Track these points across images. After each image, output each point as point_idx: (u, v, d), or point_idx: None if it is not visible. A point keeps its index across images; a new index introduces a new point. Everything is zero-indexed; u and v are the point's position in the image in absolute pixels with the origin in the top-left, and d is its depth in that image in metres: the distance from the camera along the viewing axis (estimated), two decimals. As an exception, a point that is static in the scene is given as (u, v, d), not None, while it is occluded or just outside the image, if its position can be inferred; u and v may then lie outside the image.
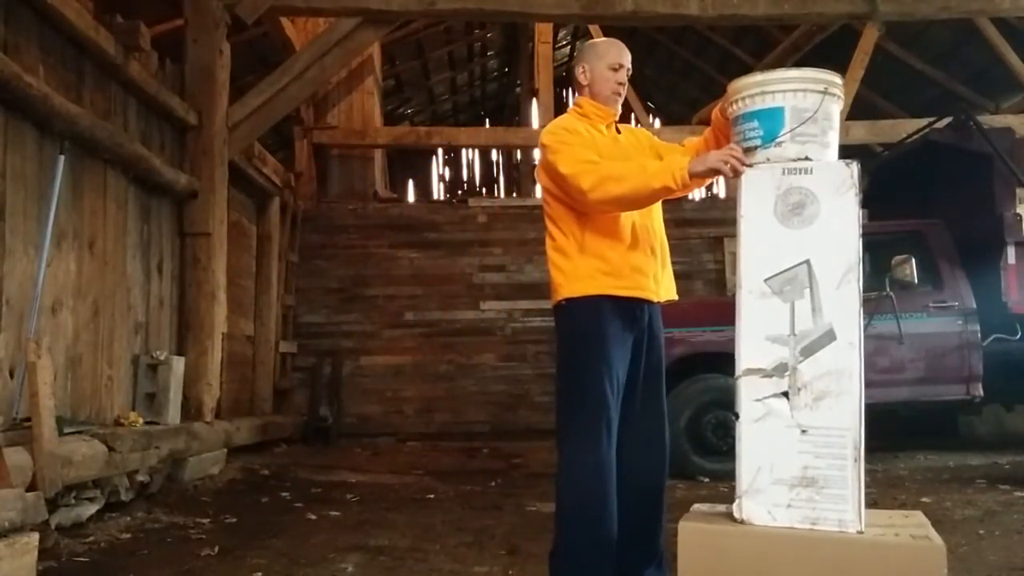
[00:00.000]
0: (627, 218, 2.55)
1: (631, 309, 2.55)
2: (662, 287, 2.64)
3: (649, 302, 2.60)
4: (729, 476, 2.42)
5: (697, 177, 2.42)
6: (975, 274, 5.93)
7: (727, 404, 2.87)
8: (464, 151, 16.32)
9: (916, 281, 5.43)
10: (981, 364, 5.82)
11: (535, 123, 11.18)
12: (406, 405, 8.36)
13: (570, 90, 17.60)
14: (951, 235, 6.04)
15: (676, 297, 2.71)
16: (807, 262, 2.25)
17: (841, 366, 2.20)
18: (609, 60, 2.66)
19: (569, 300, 2.54)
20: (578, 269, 2.54)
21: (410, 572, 3.17)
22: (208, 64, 5.80)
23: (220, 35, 5.90)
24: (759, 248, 2.31)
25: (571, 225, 2.56)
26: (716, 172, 2.39)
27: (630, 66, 2.71)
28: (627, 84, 2.71)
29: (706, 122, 9.56)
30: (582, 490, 2.45)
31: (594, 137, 2.63)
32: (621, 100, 2.72)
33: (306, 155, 9.01)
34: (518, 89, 14.08)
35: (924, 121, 7.11)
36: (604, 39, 2.80)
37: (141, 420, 4.77)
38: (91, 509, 3.87)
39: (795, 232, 2.27)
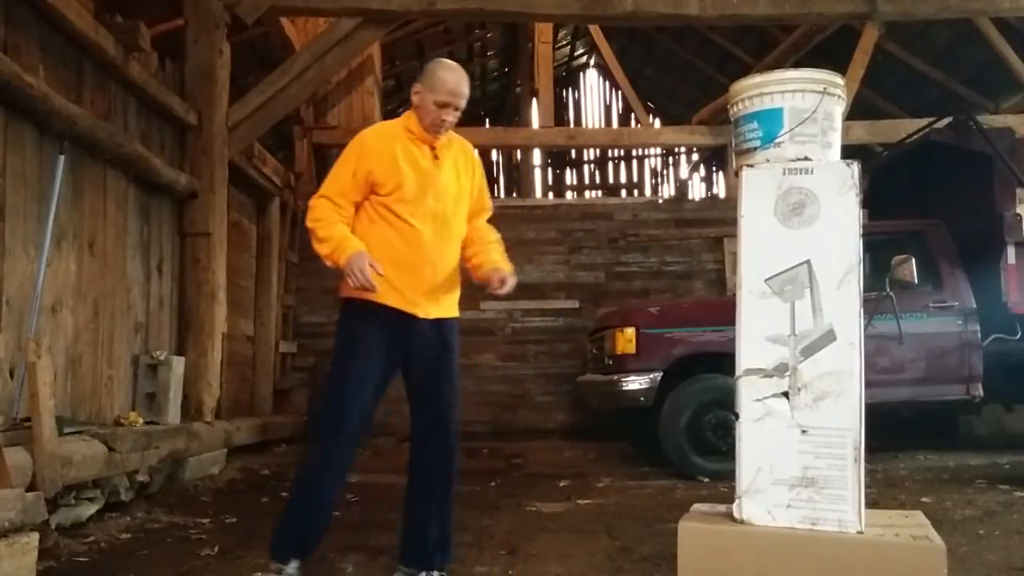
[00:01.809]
0: (403, 241, 2.77)
1: (396, 319, 2.77)
2: (436, 307, 2.85)
3: (415, 316, 2.79)
4: (729, 476, 2.42)
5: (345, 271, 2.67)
6: (975, 274, 5.93)
7: (727, 404, 2.87)
8: (464, 151, 16.28)
9: (916, 281, 5.43)
10: (981, 364, 5.82)
11: (535, 123, 11.18)
12: (405, 405, 8.35)
13: (570, 89, 17.63)
14: (951, 235, 6.05)
15: (442, 316, 2.88)
16: (807, 262, 2.25)
17: (841, 366, 2.21)
18: (437, 96, 2.73)
19: (348, 299, 2.85)
20: None
21: (410, 572, 3.17)
22: (208, 64, 5.80)
23: (220, 35, 5.90)
24: (759, 248, 2.31)
25: (363, 229, 2.81)
26: (349, 274, 2.65)
27: (462, 102, 2.76)
28: (455, 117, 2.78)
29: (706, 122, 9.50)
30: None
31: (398, 156, 2.74)
32: (444, 131, 2.81)
33: (306, 155, 9.00)
34: (518, 89, 14.07)
35: (924, 121, 7.11)
36: (446, 68, 2.79)
37: (141, 420, 4.77)
38: (91, 509, 3.87)
39: (795, 232, 2.28)
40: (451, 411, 2.90)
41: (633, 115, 14.19)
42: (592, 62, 17.44)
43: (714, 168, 16.42)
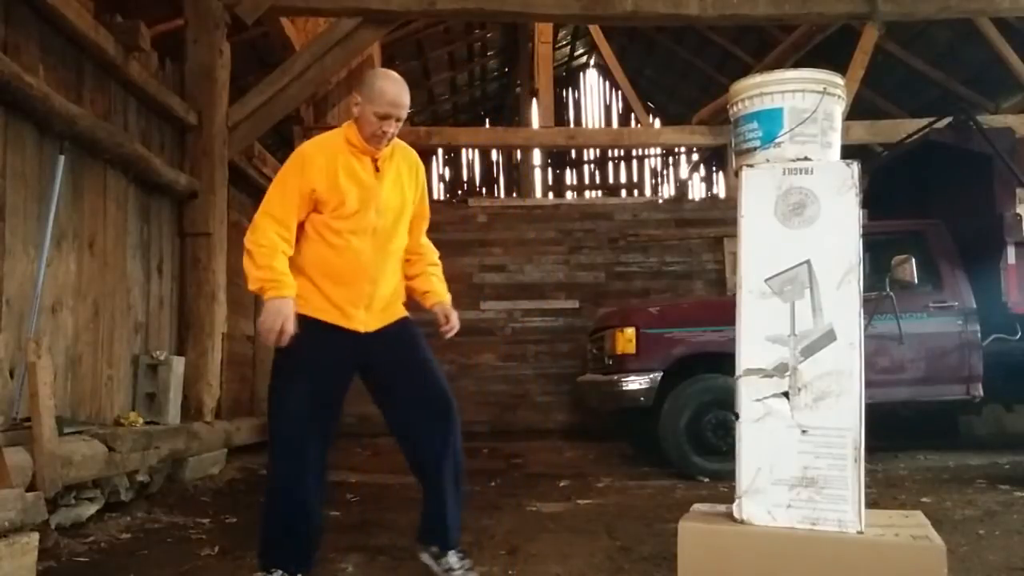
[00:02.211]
0: (340, 258, 2.71)
1: (334, 334, 2.73)
2: (373, 318, 2.78)
3: (354, 331, 2.74)
4: (729, 476, 2.42)
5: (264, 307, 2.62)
6: (975, 274, 5.93)
7: (727, 404, 2.87)
8: (464, 151, 16.32)
9: (916, 281, 5.42)
10: (981, 364, 5.82)
11: (535, 123, 11.18)
12: (406, 405, 8.34)
13: (570, 89, 17.63)
14: (951, 235, 6.05)
15: (381, 326, 2.81)
16: (807, 262, 2.25)
17: (841, 366, 2.21)
18: (376, 107, 2.64)
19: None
20: (299, 287, 2.72)
21: (410, 572, 3.17)
22: (208, 64, 5.80)
23: (220, 35, 5.90)
24: (759, 248, 2.31)
25: (301, 244, 2.75)
26: (263, 324, 2.64)
27: (403, 112, 2.68)
28: (396, 128, 2.69)
29: (706, 122, 9.50)
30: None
31: (338, 171, 2.68)
32: (386, 143, 2.72)
33: (306, 155, 8.99)
34: (518, 89, 14.07)
35: (924, 121, 7.11)
36: (386, 79, 2.71)
37: (141, 420, 4.77)
38: (91, 509, 3.87)
39: (795, 232, 2.28)
40: (441, 390, 2.86)
41: (633, 115, 14.20)
42: (592, 62, 17.44)
43: (714, 168, 16.42)
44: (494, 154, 16.53)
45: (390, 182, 2.78)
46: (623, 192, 17.04)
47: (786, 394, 2.24)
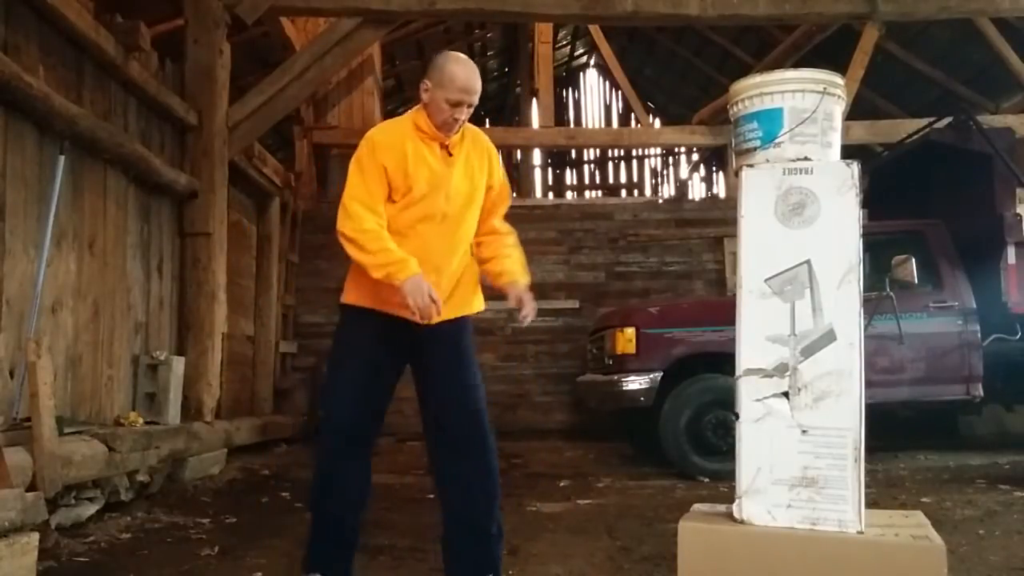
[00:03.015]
0: (406, 247, 2.57)
1: (396, 326, 2.62)
2: (444, 308, 2.61)
3: (419, 322, 2.58)
4: (729, 476, 2.42)
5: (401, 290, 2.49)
6: (975, 274, 5.93)
7: (727, 404, 2.87)
8: (464, 151, 16.29)
9: (916, 281, 5.43)
10: (981, 364, 5.82)
11: (535, 123, 11.18)
12: (406, 405, 8.30)
13: (570, 89, 17.63)
14: (951, 235, 6.05)
15: (457, 315, 2.73)
16: (807, 262, 2.25)
17: (841, 366, 2.20)
18: (448, 94, 2.53)
19: (345, 305, 2.74)
20: (359, 279, 2.68)
21: (410, 572, 3.17)
22: (208, 64, 5.80)
23: (220, 35, 5.90)
24: (759, 248, 2.31)
25: None
26: (406, 302, 2.47)
27: (474, 98, 2.58)
28: (467, 115, 2.60)
29: (706, 122, 9.48)
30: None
31: (408, 156, 2.58)
32: (456, 129, 2.61)
33: (306, 155, 9.01)
34: (518, 89, 14.07)
35: (924, 121, 7.11)
36: (457, 63, 2.59)
37: (141, 420, 4.77)
38: (91, 509, 3.87)
39: (795, 232, 2.27)
40: (483, 420, 2.70)
41: (633, 115, 14.19)
42: (592, 62, 17.45)
43: (714, 168, 16.42)
44: (494, 154, 16.51)
45: (460, 168, 2.67)
46: (623, 192, 17.04)
47: (786, 394, 2.24)
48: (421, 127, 2.62)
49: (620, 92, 15.81)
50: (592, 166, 17.41)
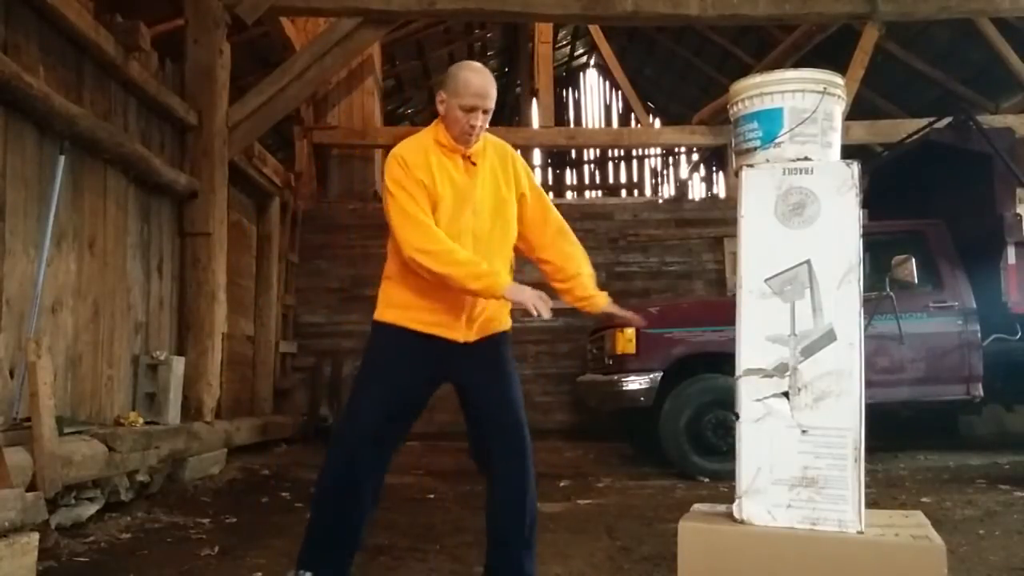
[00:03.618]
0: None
1: (429, 345, 2.60)
2: (475, 328, 2.64)
3: (453, 341, 2.60)
4: (729, 476, 2.42)
5: (505, 300, 2.52)
6: (975, 274, 5.93)
7: (727, 404, 2.87)
8: (464, 151, 16.28)
9: (916, 281, 5.43)
10: (981, 364, 5.82)
11: (535, 123, 11.18)
12: (406, 405, 8.36)
13: (570, 89, 17.64)
14: (951, 235, 6.05)
15: (482, 336, 2.67)
16: (807, 262, 2.25)
17: (841, 366, 2.20)
18: (462, 101, 2.51)
19: (377, 322, 2.68)
20: (391, 296, 2.65)
21: (410, 572, 3.17)
22: (208, 64, 5.80)
23: (220, 35, 5.90)
24: (759, 248, 2.31)
25: (398, 251, 2.59)
26: (523, 306, 2.48)
27: (490, 104, 2.55)
28: (485, 121, 2.56)
29: (706, 122, 9.49)
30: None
31: (434, 171, 2.55)
32: (475, 138, 2.58)
33: (306, 155, 9.01)
34: (518, 89, 14.08)
35: (924, 121, 7.11)
36: (471, 71, 2.58)
37: (141, 420, 4.77)
38: (91, 509, 3.87)
39: (795, 232, 2.27)
40: (521, 435, 2.65)
41: (633, 115, 14.21)
42: (592, 62, 17.46)
43: (714, 168, 16.43)
44: (494, 154, 16.49)
45: (486, 179, 2.63)
46: (623, 192, 17.05)
47: (786, 394, 2.24)
48: (441, 141, 2.59)
49: (620, 92, 15.82)
50: (592, 166, 17.41)
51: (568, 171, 17.29)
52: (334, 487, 2.63)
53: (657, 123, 15.62)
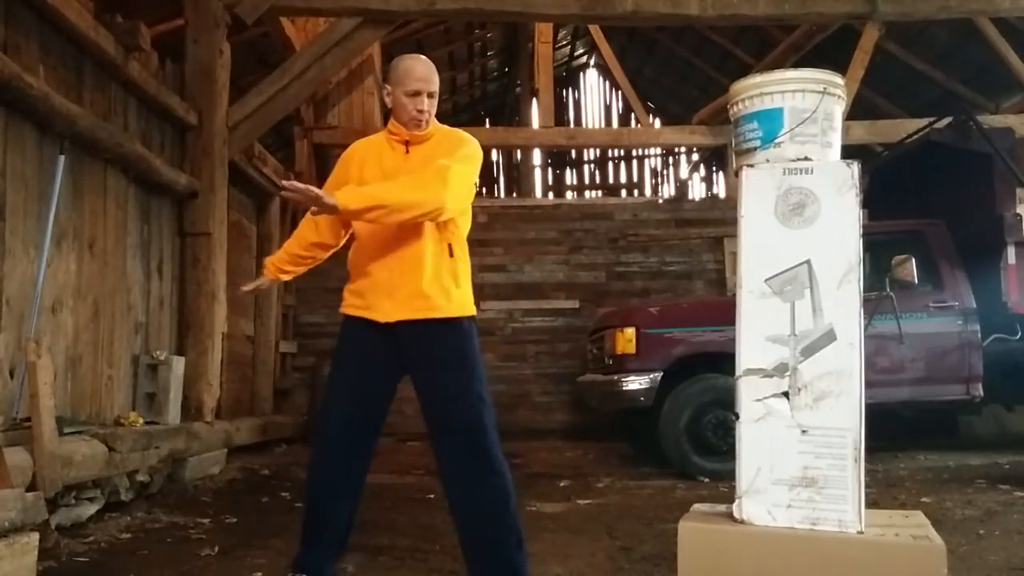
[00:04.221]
0: (357, 248, 2.73)
1: (362, 329, 2.69)
2: (396, 307, 2.60)
3: (374, 322, 2.65)
4: (729, 476, 2.42)
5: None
6: (975, 274, 5.93)
7: (727, 404, 2.87)
8: (464, 151, 16.27)
9: (916, 281, 5.43)
10: (981, 364, 5.82)
11: (535, 123, 11.18)
12: (406, 405, 8.32)
13: (570, 89, 17.62)
14: (951, 235, 6.05)
15: (407, 318, 2.60)
16: (807, 262, 2.25)
17: (841, 366, 2.20)
18: (406, 87, 2.60)
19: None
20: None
21: (410, 572, 3.17)
22: (208, 64, 5.80)
23: (220, 35, 5.90)
24: (759, 248, 2.31)
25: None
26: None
27: (433, 87, 2.62)
28: (431, 106, 2.62)
29: (706, 122, 9.48)
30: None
31: (364, 158, 2.71)
32: (424, 122, 2.64)
33: (306, 155, 9.00)
34: (518, 89, 14.06)
35: (924, 121, 7.11)
36: (407, 60, 2.69)
37: (141, 420, 4.77)
38: (91, 509, 3.87)
39: (795, 232, 2.27)
40: (462, 434, 2.57)
41: (633, 115, 14.19)
42: (592, 62, 17.44)
43: (714, 168, 16.42)
44: (494, 154, 16.51)
45: (418, 163, 2.63)
46: (623, 192, 17.04)
47: (786, 394, 2.24)
48: (392, 131, 2.72)
49: (620, 92, 15.81)
50: (592, 166, 17.40)
51: (568, 171, 17.27)
52: (309, 478, 2.75)
53: (657, 123, 15.61)
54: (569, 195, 16.57)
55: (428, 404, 2.64)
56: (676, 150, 16.96)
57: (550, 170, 17.09)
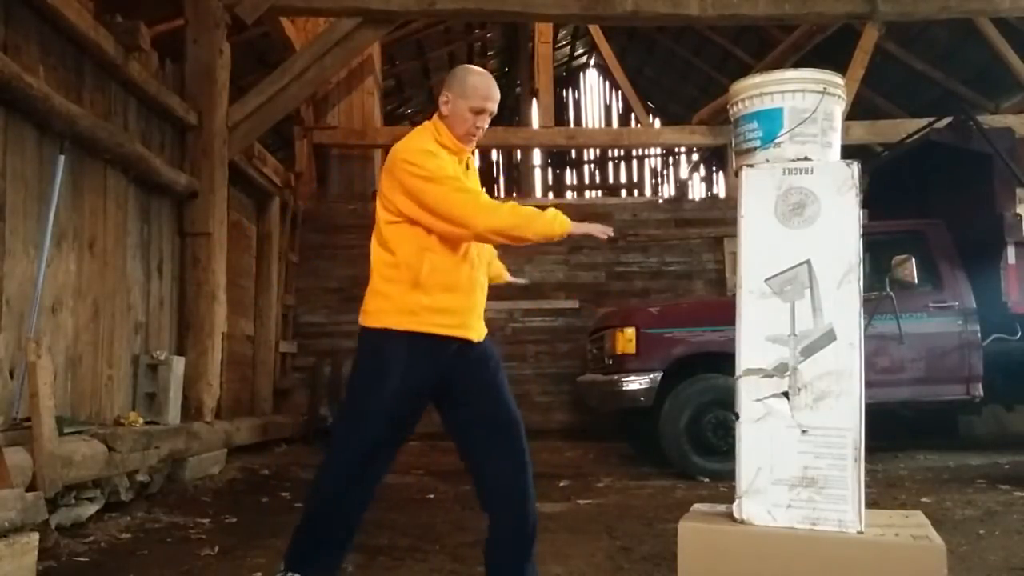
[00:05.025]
0: (454, 264, 2.53)
1: (446, 347, 2.53)
2: (482, 326, 2.62)
3: (468, 341, 2.57)
4: (729, 476, 2.42)
5: (574, 235, 2.48)
6: (975, 274, 5.93)
7: (727, 404, 2.87)
8: (464, 151, 16.29)
9: (916, 281, 5.43)
10: (981, 364, 5.82)
11: (535, 123, 11.18)
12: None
13: (570, 89, 17.63)
14: (951, 235, 6.05)
15: (484, 336, 2.64)
16: (807, 262, 2.25)
17: (841, 366, 2.20)
18: (472, 103, 2.54)
19: (383, 330, 2.54)
20: (397, 300, 2.53)
21: (410, 572, 3.17)
22: (208, 64, 5.80)
23: (220, 35, 5.90)
24: (759, 248, 2.31)
25: (410, 256, 2.53)
26: (590, 236, 2.49)
27: (495, 107, 2.58)
28: (487, 123, 2.59)
29: (706, 122, 9.48)
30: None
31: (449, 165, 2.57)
32: (476, 140, 2.63)
33: (306, 155, 9.01)
34: (518, 89, 14.07)
35: (924, 121, 7.11)
36: (478, 75, 2.61)
37: (141, 420, 4.77)
38: (91, 509, 3.87)
39: (795, 232, 2.27)
40: (521, 434, 2.60)
41: (633, 115, 14.20)
42: (592, 62, 17.45)
43: (714, 168, 16.43)
44: (494, 154, 16.53)
45: (474, 180, 2.66)
46: (623, 192, 17.04)
47: (786, 394, 2.24)
48: (444, 142, 2.57)
49: (620, 92, 15.81)
50: (592, 166, 17.41)
51: (568, 171, 17.28)
52: (333, 490, 2.57)
53: (657, 123, 15.61)
54: (569, 195, 16.58)
55: (490, 405, 2.59)
56: (676, 150, 16.97)
57: (550, 170, 17.10)
